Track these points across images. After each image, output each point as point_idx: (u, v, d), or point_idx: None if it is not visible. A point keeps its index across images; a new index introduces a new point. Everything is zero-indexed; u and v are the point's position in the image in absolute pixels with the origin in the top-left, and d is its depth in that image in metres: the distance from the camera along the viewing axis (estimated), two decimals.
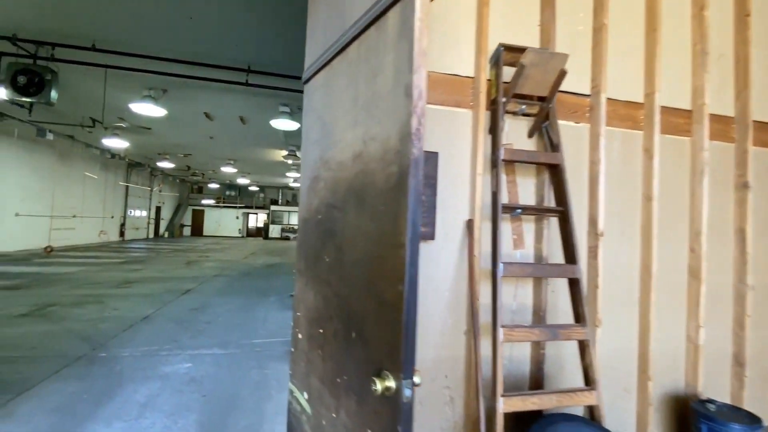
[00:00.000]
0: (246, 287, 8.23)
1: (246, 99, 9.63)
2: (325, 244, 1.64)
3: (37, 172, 14.17)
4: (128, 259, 12.60)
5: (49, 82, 6.99)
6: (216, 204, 31.50)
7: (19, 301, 6.04)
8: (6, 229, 12.90)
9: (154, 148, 16.74)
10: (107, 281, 8.18)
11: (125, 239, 21.30)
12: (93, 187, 17.72)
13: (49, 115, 11.88)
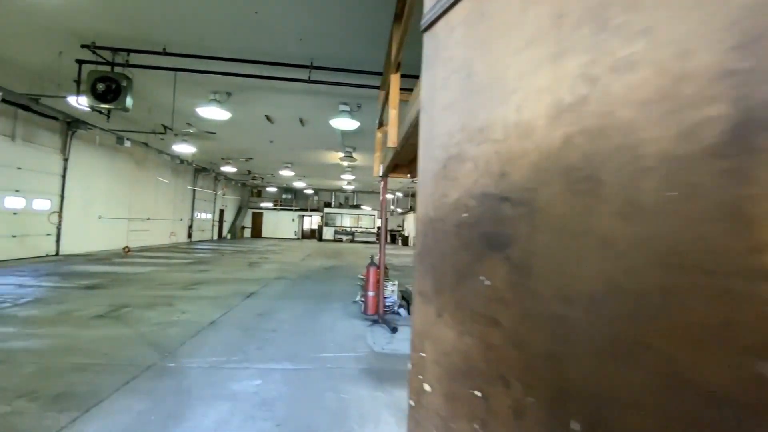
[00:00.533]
0: (307, 291, 7.97)
1: (306, 99, 9.46)
2: (481, 258, 1.06)
3: (117, 177, 15.28)
4: (195, 260, 13.07)
5: (125, 89, 7.20)
6: (273, 207, 32.59)
7: (97, 301, 6.19)
8: (91, 231, 14.00)
9: (218, 153, 17.42)
10: (176, 282, 8.34)
11: (192, 240, 22.54)
12: (164, 191, 18.88)
13: (126, 124, 12.67)
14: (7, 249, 10.60)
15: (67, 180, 12.56)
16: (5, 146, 10.43)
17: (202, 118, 11.12)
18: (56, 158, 12.20)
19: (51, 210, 12.02)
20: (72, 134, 12.57)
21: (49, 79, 8.33)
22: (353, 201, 34.06)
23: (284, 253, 17.23)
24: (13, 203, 10.79)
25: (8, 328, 4.58)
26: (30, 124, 11.12)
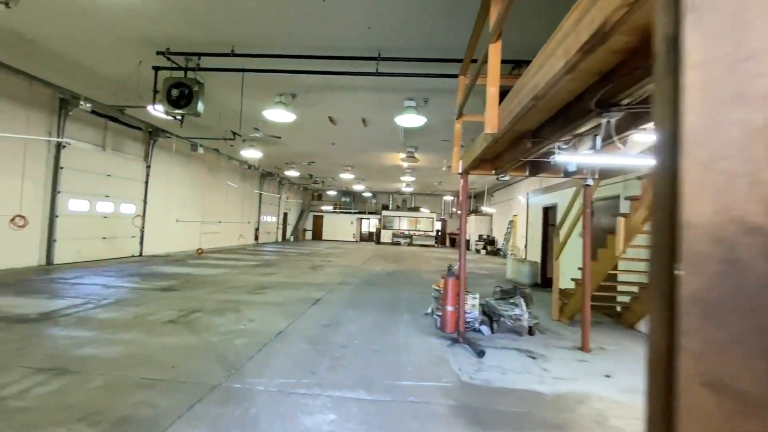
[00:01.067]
0: (373, 300, 7.46)
1: (370, 96, 9.04)
2: None
3: (192, 183, 16.18)
4: (261, 262, 13.29)
5: (197, 93, 7.27)
6: (333, 210, 33.08)
7: (170, 304, 6.19)
8: (169, 233, 14.90)
9: (283, 158, 17.79)
10: (244, 285, 8.31)
11: (259, 242, 23.43)
12: (234, 195, 19.76)
13: (199, 131, 13.26)
14: (98, 250, 11.50)
15: (149, 186, 13.45)
16: (97, 155, 11.33)
17: (269, 122, 11.21)
18: (140, 165, 13.10)
19: (135, 214, 12.92)
20: (153, 143, 13.45)
21: (131, 89, 8.79)
22: (411, 203, 33.46)
23: (345, 257, 17.09)
24: (104, 208, 11.70)
25: (87, 331, 4.59)
26: (118, 134, 12.02)
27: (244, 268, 11.40)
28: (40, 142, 9.51)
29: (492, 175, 5.05)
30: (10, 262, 8.93)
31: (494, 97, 3.01)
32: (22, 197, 8.67)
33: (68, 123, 10.15)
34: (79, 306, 5.77)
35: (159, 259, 12.53)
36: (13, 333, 4.38)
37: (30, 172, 9.20)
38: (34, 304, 5.75)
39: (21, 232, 8.84)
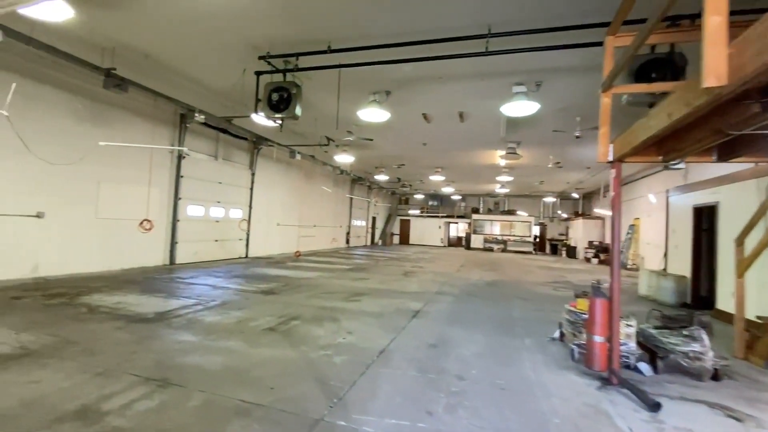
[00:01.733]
0: (480, 315, 6.49)
1: (472, 85, 8.10)
2: None
3: (290, 188, 16.94)
4: (354, 266, 13.16)
5: (295, 96, 7.18)
6: (420, 214, 32.49)
7: (270, 309, 6.06)
8: (271, 237, 15.74)
9: (373, 162, 17.70)
10: (339, 291, 8.02)
11: (350, 246, 23.87)
12: (327, 200, 20.35)
13: (297, 139, 13.70)
14: (212, 251, 12.49)
15: (253, 192, 14.33)
16: (210, 164, 12.33)
17: (362, 123, 10.98)
18: (246, 173, 14.02)
19: (241, 218, 13.83)
20: (257, 152, 14.30)
21: (237, 98, 9.23)
22: (505, 206, 31.19)
23: (436, 262, 16.23)
24: (216, 212, 12.69)
25: (193, 336, 4.52)
26: (227, 145, 12.98)
27: (338, 272, 11.29)
28: (163, 153, 10.57)
29: (658, 162, 3.77)
30: (141, 261, 10.02)
31: (720, 31, 1.94)
32: (149, 203, 9.65)
33: (187, 136, 11.16)
34: (189, 307, 5.93)
35: (262, 260, 13.18)
36: (130, 333, 4.49)
37: (155, 180, 10.25)
38: (152, 303, 6.07)
39: (148, 235, 9.86)
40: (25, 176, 7.47)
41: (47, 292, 6.42)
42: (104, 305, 5.74)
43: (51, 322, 4.78)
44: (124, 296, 6.46)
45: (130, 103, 9.28)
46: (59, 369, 3.37)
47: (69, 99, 8.02)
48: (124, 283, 7.69)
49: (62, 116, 7.94)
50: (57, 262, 8.14)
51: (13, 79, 6.22)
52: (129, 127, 9.41)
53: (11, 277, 7.36)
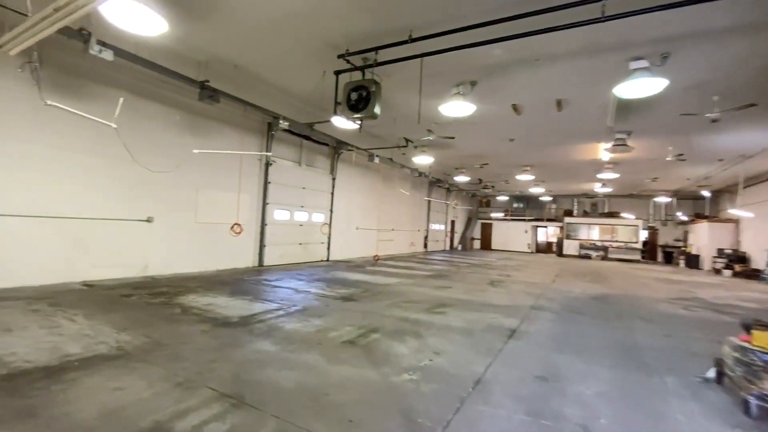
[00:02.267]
0: (596, 340, 5.36)
1: (575, 66, 6.94)
2: None
3: (368, 192, 16.90)
4: (434, 272, 12.47)
5: (374, 94, 6.82)
6: (504, 217, 30.47)
7: (350, 318, 5.71)
8: (351, 241, 15.82)
9: (453, 162, 16.85)
10: (421, 300, 7.43)
11: (428, 251, 23.19)
12: (405, 203, 19.98)
13: (375, 142, 13.52)
14: (296, 254, 12.86)
15: (334, 196, 14.52)
16: (294, 170, 12.72)
17: (443, 121, 10.32)
18: (327, 178, 14.25)
19: (323, 222, 14.07)
20: (337, 157, 14.47)
21: (316, 103, 9.24)
22: (604, 208, 27.69)
23: (525, 270, 14.74)
24: (300, 217, 13.05)
25: (272, 345, 4.32)
26: (310, 151, 13.30)
27: (418, 278, 10.72)
28: (253, 161, 11.11)
29: None
30: (233, 262, 10.60)
31: None
32: (239, 208, 10.16)
33: (273, 144, 11.62)
34: (271, 312, 5.86)
35: (342, 264, 13.21)
36: (214, 338, 4.44)
37: (245, 186, 10.79)
38: (239, 306, 6.14)
39: (239, 238, 10.39)
40: (135, 184, 8.27)
41: (152, 291, 6.92)
42: (196, 306, 5.93)
43: (148, 321, 4.99)
44: (214, 297, 6.68)
45: (222, 114, 9.88)
46: (144, 375, 3.32)
47: (167, 112, 8.75)
48: (217, 284, 8.07)
49: (161, 128, 8.68)
50: (163, 262, 8.90)
51: (120, 94, 6.85)
52: (221, 136, 10.03)
53: (127, 276, 8.19)
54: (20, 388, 2.93)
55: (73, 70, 7.03)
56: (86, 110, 6.49)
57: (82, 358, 3.62)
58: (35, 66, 4.45)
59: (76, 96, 7.06)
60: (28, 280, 6.75)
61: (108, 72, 7.36)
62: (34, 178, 6.79)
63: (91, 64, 6.92)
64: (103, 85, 7.43)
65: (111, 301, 6.04)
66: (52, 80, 6.81)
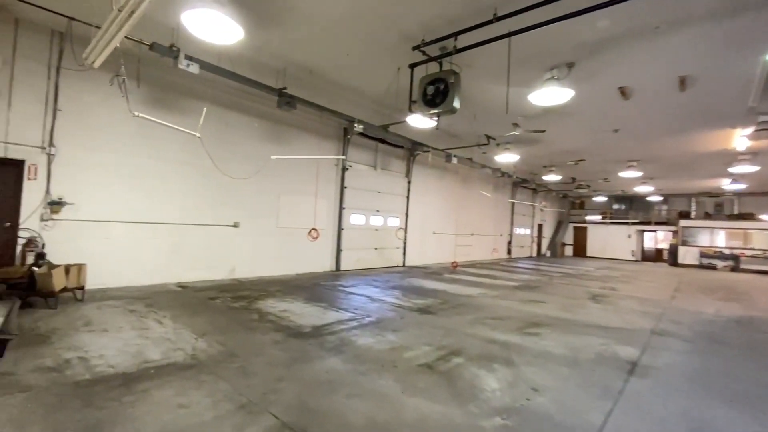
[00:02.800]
0: (754, 382, 4.00)
1: (711, 31, 5.46)
2: None
3: (445, 195, 16.11)
4: (521, 283, 11.23)
5: (453, 86, 6.16)
6: (601, 220, 27.07)
7: (427, 336, 5.12)
8: (427, 246, 15.19)
9: (541, 160, 15.26)
10: (509, 316, 6.52)
11: (512, 257, 21.48)
12: (486, 206, 18.72)
13: (452, 141, 12.75)
14: (372, 259, 12.65)
15: (409, 200, 14.07)
16: (370, 174, 12.55)
17: (531, 114, 9.21)
18: (402, 181, 13.85)
19: (398, 226, 13.68)
20: (413, 159, 14.01)
21: (391, 104, 8.84)
22: (732, 209, 22.99)
23: (633, 283, 12.59)
24: (375, 221, 12.84)
25: (342, 363, 3.93)
26: (385, 155, 13.04)
27: (504, 289, 9.67)
28: (330, 167, 11.16)
29: None
30: (311, 266, 10.72)
31: None
32: (316, 214, 10.22)
33: (349, 148, 11.58)
34: (344, 322, 5.53)
35: (418, 270, 12.66)
36: (285, 351, 4.21)
37: (323, 192, 10.86)
38: (313, 314, 5.94)
39: (317, 243, 10.47)
40: (222, 192, 8.72)
41: (235, 294, 7.13)
42: (273, 313, 5.87)
43: (226, 327, 4.99)
44: (291, 303, 6.62)
45: (299, 121, 10.06)
46: (211, 391, 3.14)
47: (248, 120, 9.12)
48: (295, 288, 8.10)
49: (244, 136, 9.07)
50: (248, 265, 9.28)
51: (204, 106, 7.21)
52: (299, 142, 10.21)
53: (216, 278, 8.66)
54: (96, 397, 2.92)
55: (166, 86, 7.64)
56: (177, 122, 6.94)
57: (158, 366, 3.60)
58: (123, 79, 4.75)
59: (167, 109, 7.65)
60: (134, 280, 7.43)
61: (194, 85, 7.87)
62: (136, 187, 7.47)
63: (180, 79, 7.44)
64: (190, 98, 7.96)
65: (198, 303, 6.29)
66: (151, 96, 7.46)
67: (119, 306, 5.77)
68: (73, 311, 5.33)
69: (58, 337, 4.26)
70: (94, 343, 4.13)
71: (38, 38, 6.27)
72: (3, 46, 5.93)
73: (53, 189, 6.51)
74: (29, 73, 6.21)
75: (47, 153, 6.44)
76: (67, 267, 5.67)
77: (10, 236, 6.20)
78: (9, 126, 6.10)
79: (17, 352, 3.77)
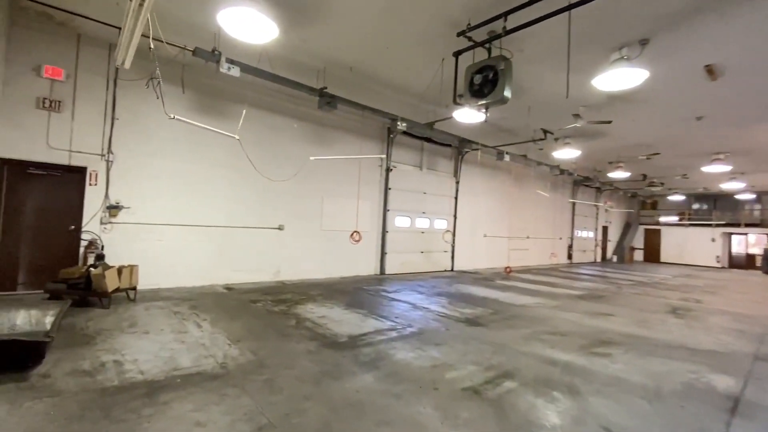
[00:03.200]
0: None
1: None
2: None
3: (497, 195, 15.18)
4: (584, 291, 10.12)
5: (503, 74, 5.56)
6: (678, 222, 24.18)
7: (474, 353, 4.57)
8: (477, 249, 14.38)
9: (607, 155, 13.81)
10: (572, 331, 5.74)
11: (572, 262, 19.82)
12: (543, 207, 17.42)
13: (504, 138, 11.91)
14: (417, 263, 12.18)
15: (458, 201, 13.39)
16: (415, 175, 12.10)
17: (595, 102, 8.24)
18: (450, 181, 13.22)
19: (445, 229, 13.07)
20: (461, 158, 13.33)
21: (436, 99, 8.35)
22: None
23: (721, 294, 10.86)
24: (421, 223, 12.36)
25: (376, 382, 3.54)
26: (431, 154, 12.52)
27: (564, 299, 8.72)
28: (373, 168, 10.89)
29: None
30: (356, 270, 10.49)
31: None
32: (358, 216, 9.96)
33: (393, 149, 11.23)
34: (383, 332, 5.15)
35: (467, 276, 11.96)
36: (317, 363, 3.92)
37: (366, 193, 10.62)
38: (351, 321, 5.64)
39: (361, 246, 10.24)
40: (268, 194, 8.78)
41: (277, 297, 7.06)
42: (310, 319, 5.66)
43: (262, 333, 4.83)
44: (330, 308, 6.38)
45: (342, 122, 9.90)
46: (232, 408, 2.91)
47: (289, 122, 9.10)
48: (337, 292, 7.89)
49: (286, 138, 9.06)
50: (292, 268, 9.26)
51: (246, 109, 7.24)
52: (342, 144, 10.04)
53: (262, 280, 8.72)
54: (116, 408, 2.80)
55: (209, 91, 7.82)
56: (221, 126, 7.04)
57: (186, 374, 3.47)
58: (158, 81, 4.78)
59: (211, 113, 7.82)
60: (185, 281, 7.66)
61: (237, 90, 7.98)
62: (185, 191, 7.70)
63: (222, 83, 7.58)
64: (233, 102, 8.08)
65: (239, 306, 6.27)
66: (195, 101, 7.67)
67: (165, 307, 5.89)
68: (123, 311, 5.51)
69: (102, 338, 4.33)
70: (133, 345, 4.14)
71: (97, 52, 6.66)
72: (67, 60, 6.35)
73: (111, 194, 6.87)
74: (90, 85, 6.60)
75: (106, 160, 6.81)
76: (120, 268, 5.89)
77: (74, 239, 6.62)
78: (73, 135, 6.52)
79: (63, 351, 3.85)
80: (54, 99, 6.32)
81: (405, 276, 11.06)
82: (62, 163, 6.45)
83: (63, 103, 6.40)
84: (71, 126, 6.50)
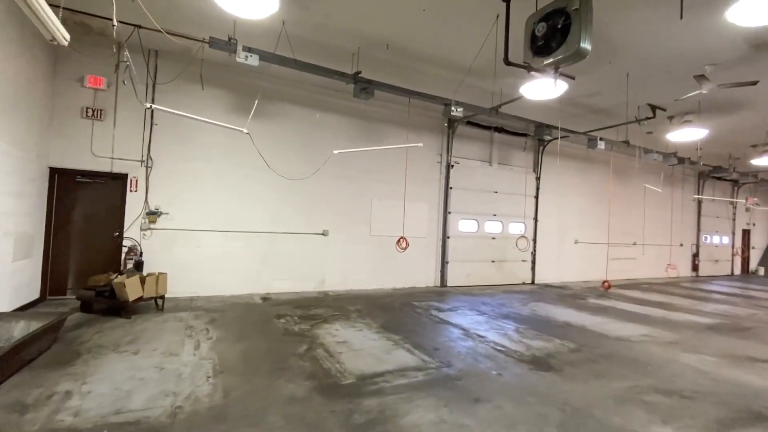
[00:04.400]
0: None
1: None
2: None
3: (591, 193, 12.55)
4: (718, 318, 7.37)
5: (577, 16, 3.98)
6: None
7: (530, 418, 3.07)
8: (566, 259, 12.00)
9: (748, 135, 10.44)
10: (699, 390, 3.76)
11: (698, 276, 15.74)
12: (655, 206, 14.06)
13: (595, 121, 9.64)
14: (487, 274, 10.46)
15: (539, 201, 11.31)
16: (483, 171, 10.46)
17: (728, 60, 5.87)
18: (529, 178, 11.22)
19: (523, 234, 11.06)
20: (542, 149, 11.26)
21: (489, 74, 6.77)
22: None
23: None
24: (492, 228, 10.63)
25: None
26: (503, 146, 10.74)
27: (687, 330, 6.34)
28: (431, 164, 9.60)
29: None
30: (411, 281, 9.30)
31: None
32: (407, 220, 8.70)
33: (455, 142, 9.81)
34: (406, 374, 3.89)
35: (550, 292, 9.87)
36: (290, 419, 2.88)
37: (422, 194, 9.37)
38: (372, 353, 4.49)
39: (415, 254, 9.01)
40: (310, 197, 8.11)
41: (307, 313, 6.25)
42: (325, 345, 4.67)
43: (254, 363, 3.98)
44: (358, 331, 5.33)
45: (389, 115, 8.86)
46: None
47: (334, 119, 8.31)
48: (378, 308, 6.81)
49: (329, 135, 8.27)
50: (338, 277, 8.45)
51: (286, 106, 6.59)
52: (389, 139, 8.93)
53: (305, 289, 8.08)
54: None
55: (232, 87, 7.39)
56: (251, 124, 6.52)
57: (120, 423, 2.72)
58: (126, 66, 4.28)
59: (238, 110, 7.38)
60: (224, 289, 7.33)
61: (270, 86, 7.44)
62: (225, 195, 7.39)
63: (247, 78, 7.07)
64: (266, 98, 7.56)
65: (259, 322, 5.59)
66: (232, 102, 7.32)
67: (184, 320, 5.46)
68: (140, 323, 5.19)
69: (86, 357, 3.91)
70: (105, 371, 3.60)
71: (136, 59, 6.64)
72: (107, 70, 6.42)
73: (150, 200, 6.81)
74: (130, 92, 6.61)
75: (146, 166, 6.78)
76: (143, 277, 5.64)
77: (119, 245, 6.67)
78: (114, 142, 6.58)
79: (32, 372, 3.48)
80: (97, 108, 6.44)
81: (470, 289, 9.50)
82: (105, 171, 6.55)
83: (105, 111, 6.49)
84: (113, 133, 6.57)
